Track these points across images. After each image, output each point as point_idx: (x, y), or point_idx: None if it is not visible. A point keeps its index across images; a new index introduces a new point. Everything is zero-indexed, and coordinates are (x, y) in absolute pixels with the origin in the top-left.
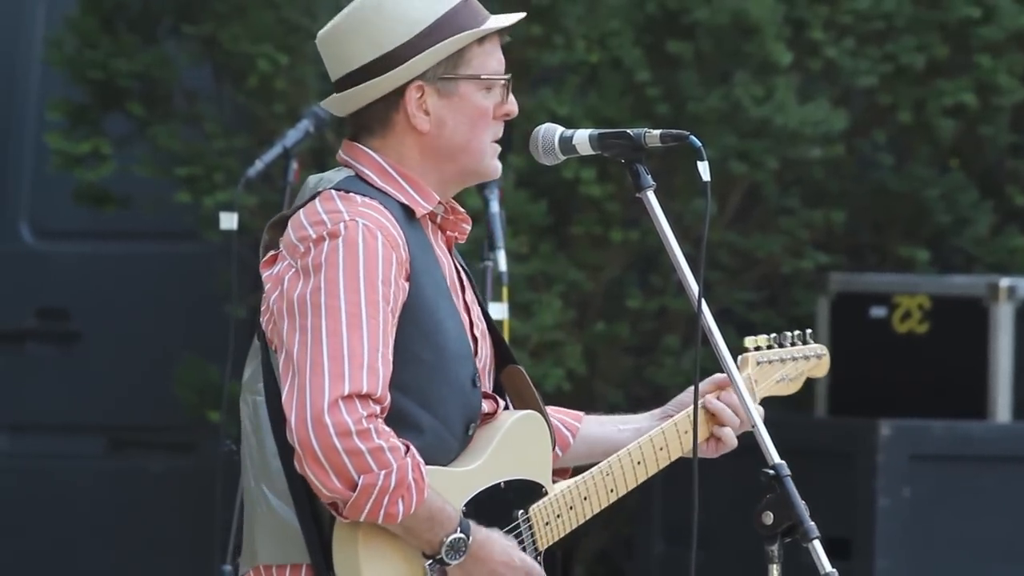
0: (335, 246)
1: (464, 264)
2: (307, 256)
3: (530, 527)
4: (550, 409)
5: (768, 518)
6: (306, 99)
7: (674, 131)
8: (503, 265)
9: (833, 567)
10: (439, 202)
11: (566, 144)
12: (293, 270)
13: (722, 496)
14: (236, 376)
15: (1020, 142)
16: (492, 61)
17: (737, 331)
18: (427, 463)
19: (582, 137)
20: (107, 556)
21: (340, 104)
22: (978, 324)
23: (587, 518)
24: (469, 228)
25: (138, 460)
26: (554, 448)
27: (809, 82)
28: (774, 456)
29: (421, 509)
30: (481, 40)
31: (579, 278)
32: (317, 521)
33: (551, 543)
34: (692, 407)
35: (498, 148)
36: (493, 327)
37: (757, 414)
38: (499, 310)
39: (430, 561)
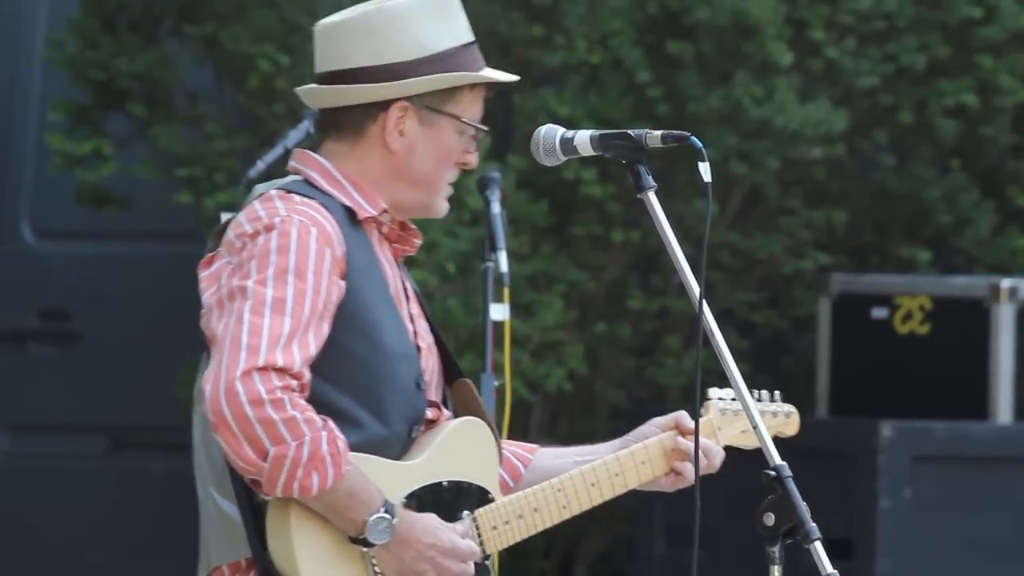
0: (268, 238)
1: (413, 283)
2: (243, 251)
3: (476, 529)
4: (504, 442)
5: (769, 519)
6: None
7: (675, 132)
8: (504, 265)
9: (834, 568)
10: (384, 211)
11: (567, 145)
12: (231, 266)
13: (723, 497)
14: None
15: (1021, 142)
16: (475, 109)
17: (738, 332)
18: None
19: (583, 138)
20: (108, 556)
21: (319, 97)
22: (979, 325)
23: (537, 530)
24: (420, 243)
25: (139, 460)
26: (501, 463)
27: (810, 82)
28: (775, 457)
29: (341, 485)
30: (474, 86)
31: (580, 278)
32: (256, 512)
33: (499, 549)
34: (650, 439)
35: (451, 190)
36: (441, 342)
37: (757, 414)
38: (500, 310)
39: (367, 555)
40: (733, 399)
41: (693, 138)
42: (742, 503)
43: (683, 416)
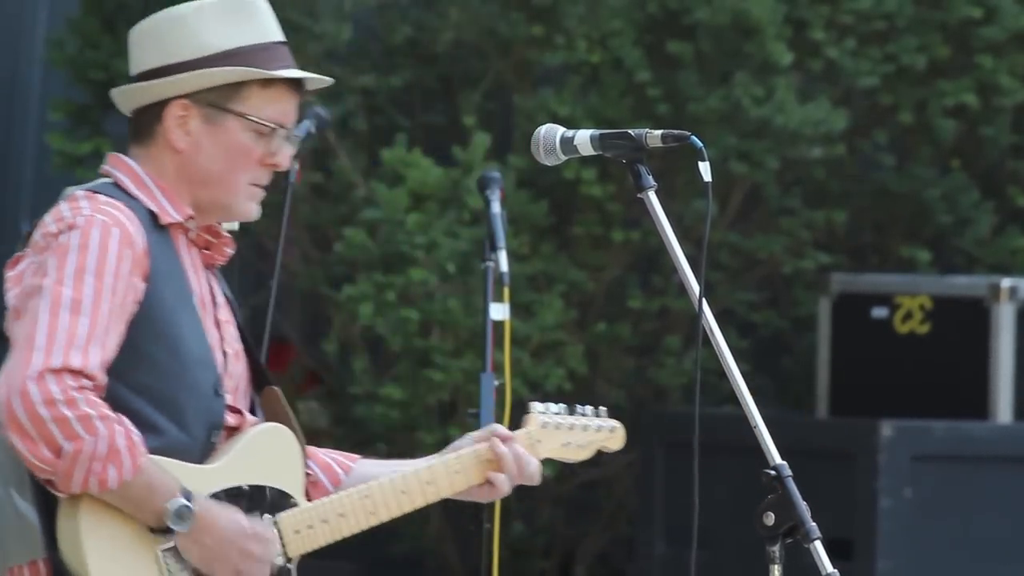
0: (68, 237)
1: (226, 289)
2: (45, 250)
3: (278, 532)
4: (325, 450)
5: (769, 519)
6: (307, 100)
7: (675, 131)
8: (504, 265)
9: (834, 568)
10: (191, 216)
11: (567, 144)
12: (34, 266)
13: (723, 497)
14: None
15: (1021, 143)
16: (271, 108)
17: (738, 331)
18: None
19: (583, 137)
20: None
21: (119, 99)
22: (979, 324)
23: (343, 535)
24: (232, 251)
25: None
26: (309, 469)
27: (810, 82)
28: (775, 457)
29: (138, 478)
30: (267, 84)
31: (580, 278)
32: (50, 512)
33: (303, 552)
34: (465, 449)
35: (257, 192)
36: (251, 351)
37: (757, 413)
38: (500, 310)
39: (164, 547)
40: (556, 413)
41: (693, 138)
42: (742, 503)
43: (498, 427)
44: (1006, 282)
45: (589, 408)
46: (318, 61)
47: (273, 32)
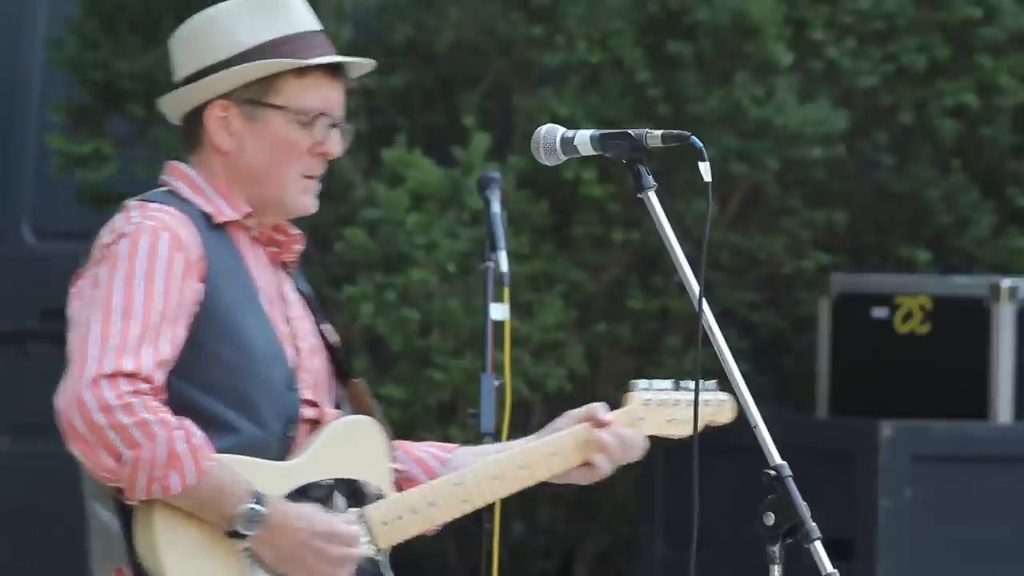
0: (119, 246)
1: (304, 286)
2: (100, 262)
3: (365, 525)
4: (421, 443)
5: (769, 519)
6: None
7: (675, 131)
8: (504, 265)
9: (834, 568)
10: (248, 214)
11: (567, 144)
12: (91, 278)
13: (723, 497)
14: None
15: (1021, 143)
16: (310, 96)
17: (738, 332)
18: None
19: (583, 137)
20: None
21: (166, 109)
22: (979, 325)
23: (436, 524)
24: (301, 248)
25: None
26: (401, 463)
27: (810, 82)
28: (775, 457)
29: (205, 481)
30: (302, 74)
31: (580, 278)
32: (128, 520)
33: (393, 543)
34: (562, 432)
35: (310, 184)
36: (330, 346)
37: (757, 413)
38: (500, 310)
39: (242, 548)
40: (660, 389)
41: (693, 138)
42: (742, 503)
43: (597, 407)
44: (1006, 282)
45: (703, 381)
46: None
47: (307, 22)
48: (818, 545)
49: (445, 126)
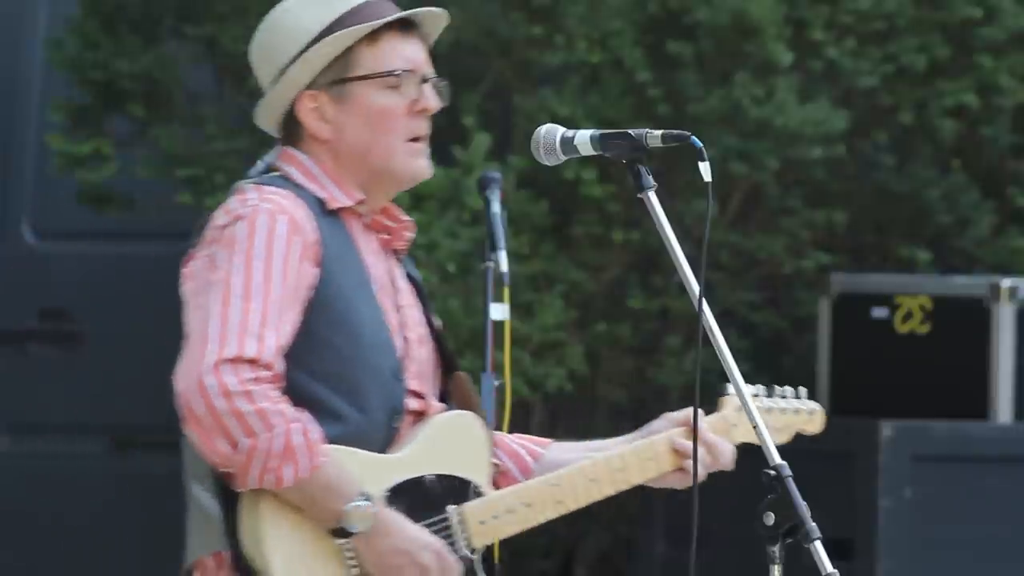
0: (235, 228)
1: (414, 273)
2: (215, 243)
3: (462, 523)
4: (515, 436)
5: (769, 519)
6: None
7: (675, 131)
8: (504, 265)
9: (834, 568)
10: (361, 201)
11: (567, 144)
12: (206, 259)
13: (723, 497)
14: None
15: (1021, 143)
16: (389, 58)
17: (738, 331)
18: None
19: (583, 137)
20: (110, 557)
21: (260, 122)
22: (979, 325)
23: (531, 525)
24: (412, 236)
25: (140, 460)
26: (496, 458)
27: (810, 82)
28: (775, 457)
29: (318, 475)
30: (374, 40)
31: (580, 278)
32: (230, 505)
33: (488, 543)
34: (657, 435)
35: (418, 146)
36: (438, 337)
37: (758, 414)
38: (500, 310)
39: (345, 545)
40: (754, 395)
41: (693, 138)
42: (742, 503)
43: (689, 414)
44: (1006, 282)
45: (789, 389)
46: None
47: None
48: (818, 545)
49: (445, 126)
